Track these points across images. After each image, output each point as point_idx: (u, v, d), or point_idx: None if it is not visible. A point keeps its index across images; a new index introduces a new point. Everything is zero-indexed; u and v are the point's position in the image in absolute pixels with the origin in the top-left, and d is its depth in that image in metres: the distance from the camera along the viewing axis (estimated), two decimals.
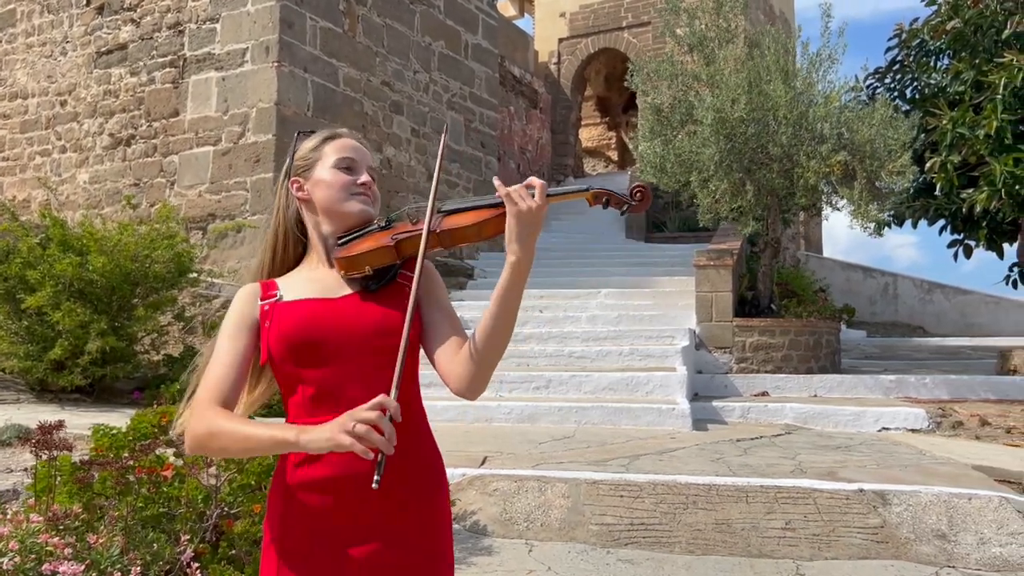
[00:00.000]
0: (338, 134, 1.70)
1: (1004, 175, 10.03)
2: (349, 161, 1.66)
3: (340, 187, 1.63)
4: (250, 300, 1.59)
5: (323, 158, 1.66)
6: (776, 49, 8.41)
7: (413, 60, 12.40)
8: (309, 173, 1.66)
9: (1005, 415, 7.55)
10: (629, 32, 18.52)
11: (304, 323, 1.53)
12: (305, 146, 1.69)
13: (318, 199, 1.64)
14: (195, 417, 1.47)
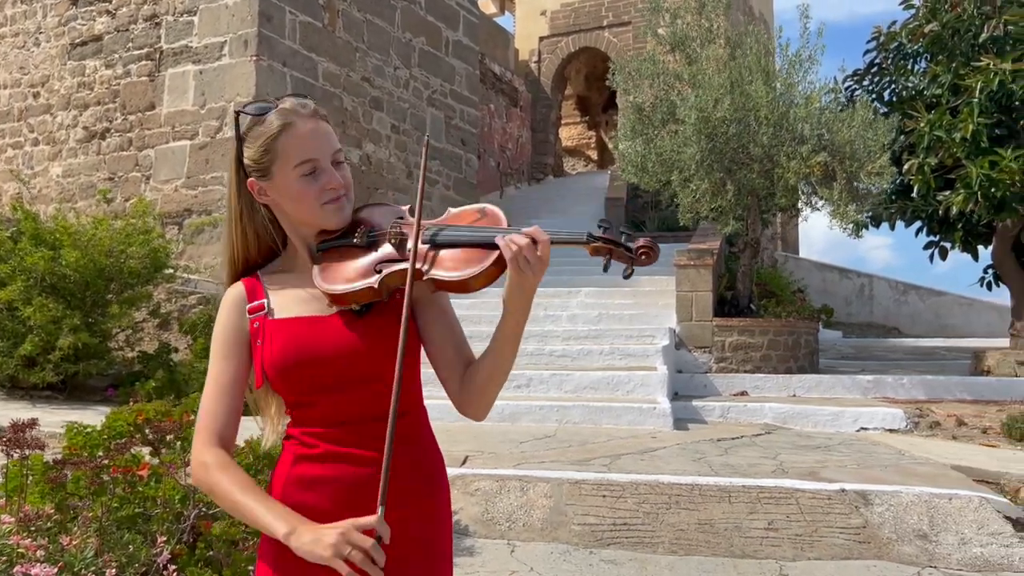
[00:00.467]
0: (289, 121, 1.45)
1: (980, 178, 10.12)
2: (313, 164, 1.46)
3: (308, 201, 1.46)
4: (238, 310, 1.49)
5: (281, 161, 1.45)
6: (757, 50, 8.42)
7: (394, 56, 12.32)
8: (268, 178, 1.47)
9: (981, 415, 7.62)
10: (610, 31, 18.52)
11: (297, 344, 1.45)
12: (254, 143, 1.47)
13: (287, 208, 1.49)
14: (196, 459, 1.44)
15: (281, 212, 1.51)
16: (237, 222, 1.54)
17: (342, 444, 1.45)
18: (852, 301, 19.65)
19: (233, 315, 1.49)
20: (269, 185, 1.48)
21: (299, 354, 1.44)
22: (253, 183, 1.49)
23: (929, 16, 11.27)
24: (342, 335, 1.45)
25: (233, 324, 1.49)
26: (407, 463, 1.50)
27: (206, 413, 1.46)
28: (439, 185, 13.10)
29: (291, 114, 1.47)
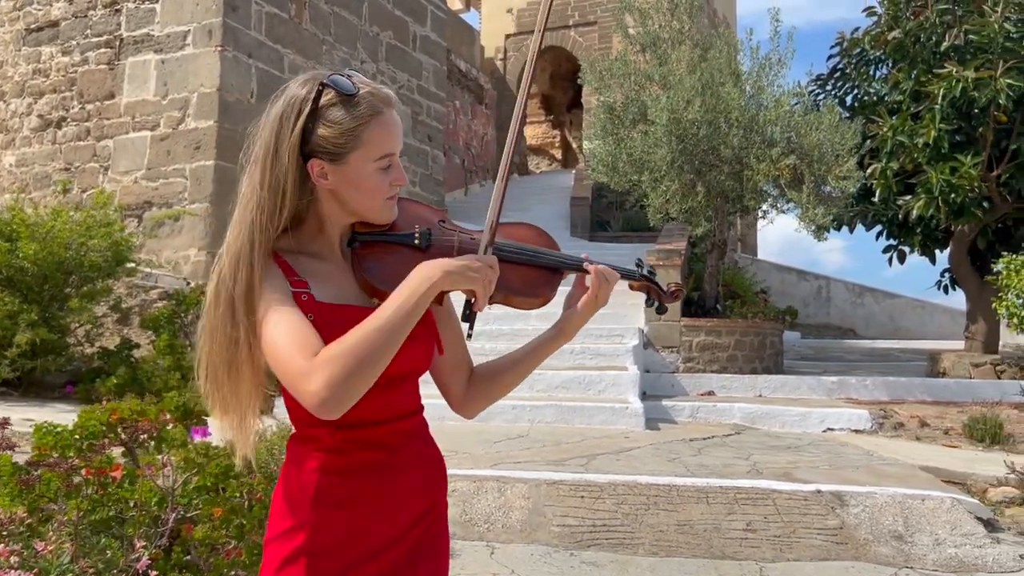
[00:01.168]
0: (380, 110, 1.37)
1: (941, 183, 10.32)
2: (391, 158, 1.39)
3: (378, 194, 1.39)
4: (279, 275, 1.35)
5: (363, 147, 1.35)
6: (728, 52, 8.47)
7: (360, 49, 12.17)
8: (340, 161, 1.35)
9: (942, 416, 7.76)
10: (576, 31, 18.54)
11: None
12: (337, 124, 1.35)
13: (347, 198, 1.38)
14: (315, 368, 1.20)
15: (332, 198, 1.40)
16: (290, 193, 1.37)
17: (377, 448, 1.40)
18: (810, 303, 19.94)
19: (277, 278, 1.35)
20: (337, 170, 1.36)
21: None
22: (316, 163, 1.36)
23: (891, 23, 11.46)
24: None
25: (282, 285, 1.33)
26: (429, 456, 1.49)
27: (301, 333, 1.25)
28: None
29: (382, 103, 1.39)
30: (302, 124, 1.37)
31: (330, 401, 1.19)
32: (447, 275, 1.29)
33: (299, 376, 1.21)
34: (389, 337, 1.23)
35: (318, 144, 1.35)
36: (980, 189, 10.52)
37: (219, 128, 9.99)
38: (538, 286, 1.47)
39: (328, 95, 1.37)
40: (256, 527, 2.91)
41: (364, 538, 1.39)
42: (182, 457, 2.85)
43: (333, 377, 1.19)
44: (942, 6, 10.79)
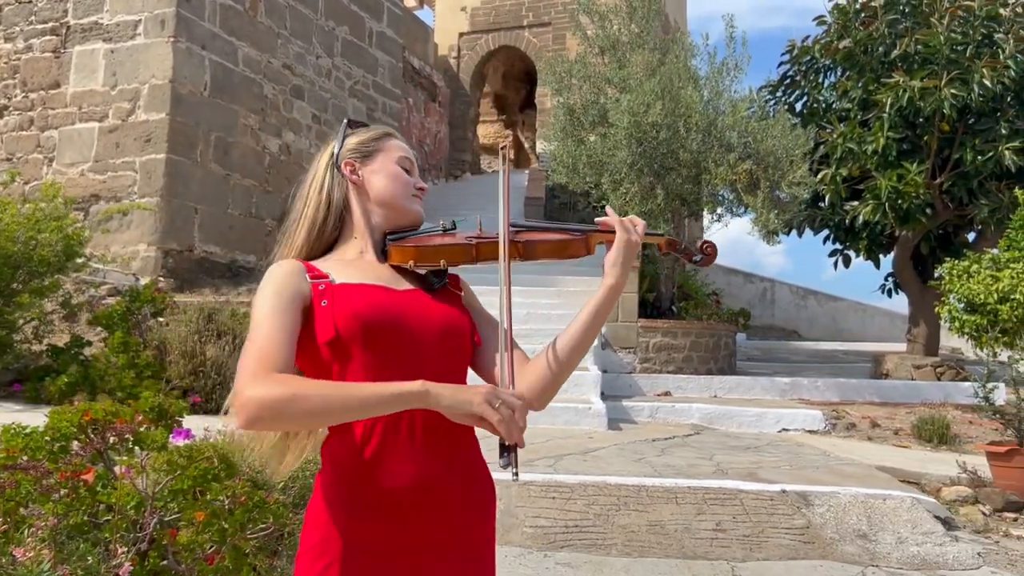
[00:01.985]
0: (394, 135, 1.65)
1: (888, 190, 10.62)
2: (409, 164, 1.61)
3: (404, 183, 1.58)
4: (297, 275, 1.43)
5: (386, 151, 1.60)
6: (686, 57, 8.58)
7: (316, 44, 12.01)
8: (369, 160, 1.58)
9: (892, 417, 7.98)
10: (530, 31, 18.58)
11: (380, 304, 1.41)
12: (363, 136, 1.61)
13: (377, 188, 1.56)
14: (260, 383, 1.24)
15: (363, 195, 1.56)
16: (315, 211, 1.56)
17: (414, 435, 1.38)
18: (755, 304, 20.30)
19: (293, 278, 1.42)
20: (366, 165, 1.57)
21: (384, 312, 1.40)
22: (349, 162, 1.57)
23: (841, 32, 11.74)
24: (421, 307, 1.46)
25: (293, 285, 1.41)
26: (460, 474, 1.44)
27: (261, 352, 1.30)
28: None
29: (390, 130, 1.67)
30: (332, 148, 1.61)
31: (245, 412, 1.23)
32: (430, 396, 1.26)
33: (245, 377, 1.26)
34: (338, 410, 1.26)
35: (349, 150, 1.59)
36: (924, 196, 10.85)
37: (171, 121, 9.75)
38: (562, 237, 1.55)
39: (353, 127, 1.65)
40: (238, 531, 2.85)
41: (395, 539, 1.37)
42: (164, 460, 2.77)
43: (264, 398, 1.22)
44: (891, 17, 11.10)
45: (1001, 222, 10.54)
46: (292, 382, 1.25)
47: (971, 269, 9.80)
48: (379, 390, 1.26)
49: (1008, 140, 10.27)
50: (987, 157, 10.46)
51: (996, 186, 10.84)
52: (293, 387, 1.24)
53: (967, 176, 11.02)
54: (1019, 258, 9.56)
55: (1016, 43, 10.16)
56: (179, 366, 6.47)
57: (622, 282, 1.52)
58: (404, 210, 1.56)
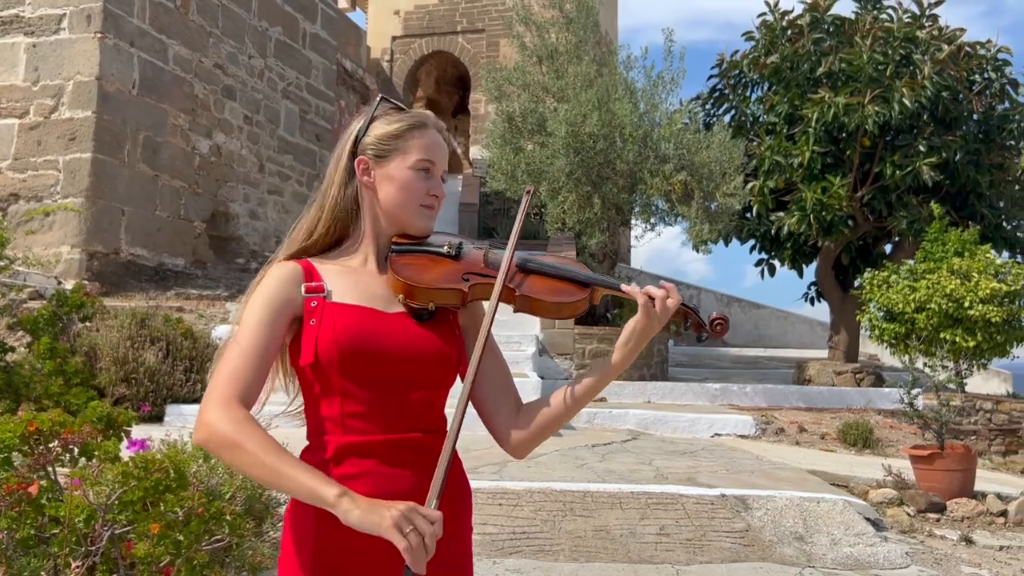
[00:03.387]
0: (426, 123, 1.50)
1: (813, 202, 10.99)
2: (429, 164, 1.49)
3: (413, 195, 1.48)
4: (293, 283, 1.41)
5: (405, 151, 1.48)
6: (626, 68, 8.74)
7: (249, 44, 11.80)
8: (384, 161, 1.47)
9: (818, 422, 8.27)
10: (464, 37, 18.61)
11: (361, 331, 1.39)
12: (386, 128, 1.48)
13: (384, 196, 1.48)
14: (221, 411, 1.29)
15: (372, 199, 1.49)
16: (335, 198, 1.50)
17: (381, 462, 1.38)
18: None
19: (287, 287, 1.41)
20: (379, 167, 1.48)
21: (363, 341, 1.38)
22: (363, 161, 1.48)
23: (769, 48, 12.12)
24: (406, 334, 1.42)
25: (284, 295, 1.40)
26: (456, 487, 1.48)
27: (234, 372, 1.34)
28: (292, 181, 12.67)
29: (426, 119, 1.52)
30: (358, 129, 1.51)
31: (200, 440, 1.30)
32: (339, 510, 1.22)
33: (210, 400, 1.31)
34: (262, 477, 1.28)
35: (367, 144, 1.49)
36: (847, 208, 11.27)
37: (97, 119, 9.46)
38: (564, 294, 1.48)
39: (383, 107, 1.53)
40: (193, 542, 2.80)
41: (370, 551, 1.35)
42: (119, 471, 2.70)
43: (213, 435, 1.28)
44: (816, 35, 11.51)
45: (918, 234, 11.03)
46: (243, 428, 1.27)
47: (890, 279, 10.23)
48: (296, 478, 1.25)
49: (926, 156, 10.76)
50: (906, 172, 10.93)
51: (914, 200, 11.33)
52: (240, 435, 1.27)
53: (887, 190, 11.49)
54: (934, 269, 10.02)
55: (933, 64, 10.65)
56: (110, 373, 6.28)
57: (626, 365, 1.47)
58: (410, 224, 1.49)
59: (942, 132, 11.27)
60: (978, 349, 9.87)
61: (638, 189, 8.57)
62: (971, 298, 9.51)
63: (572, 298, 1.47)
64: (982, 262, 9.84)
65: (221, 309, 9.32)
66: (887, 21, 11.62)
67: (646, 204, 8.68)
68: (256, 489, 3.78)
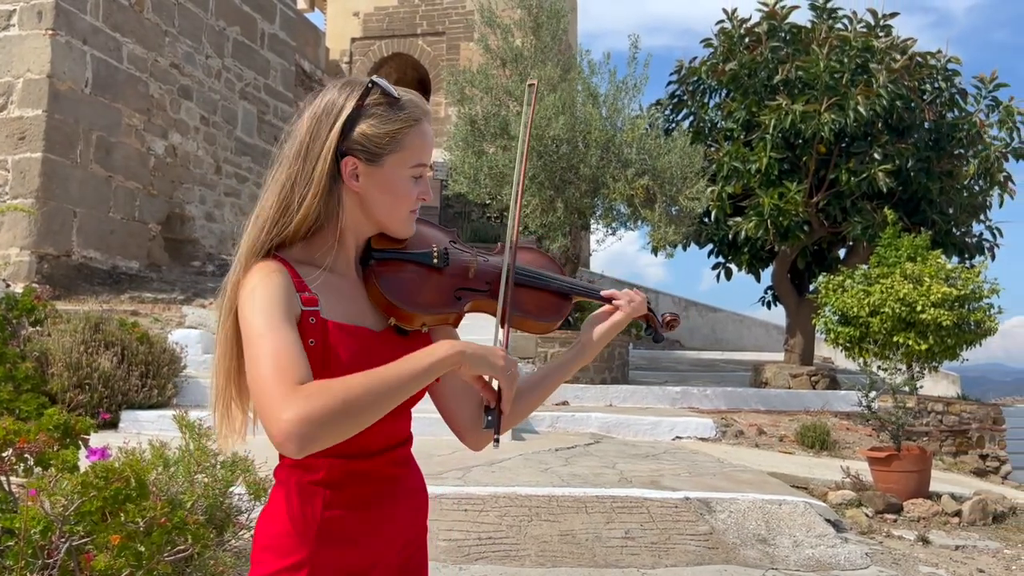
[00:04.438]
0: (419, 119, 1.35)
1: (771, 207, 11.15)
2: (423, 169, 1.36)
3: (405, 203, 1.35)
4: (288, 289, 1.27)
5: (399, 155, 1.32)
6: (587, 74, 8.77)
7: (206, 44, 11.61)
8: (376, 161, 1.31)
9: (776, 425, 8.37)
10: (424, 40, 18.54)
11: (364, 360, 1.28)
12: (382, 128, 1.31)
13: (372, 203, 1.34)
14: (294, 401, 1.10)
15: (356, 202, 1.34)
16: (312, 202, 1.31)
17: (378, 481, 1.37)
18: None
19: (287, 291, 1.27)
20: (371, 171, 1.32)
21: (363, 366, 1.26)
22: (351, 162, 1.30)
23: (727, 55, 12.27)
24: (391, 350, 1.32)
25: (286, 300, 1.25)
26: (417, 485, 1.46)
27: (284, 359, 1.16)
28: (249, 182, 12.50)
29: (422, 112, 1.37)
30: (344, 120, 1.31)
31: (297, 439, 1.09)
32: (465, 356, 1.24)
33: (273, 400, 1.11)
34: (383, 397, 1.16)
35: (357, 142, 1.31)
36: (803, 214, 11.45)
37: (48, 118, 9.23)
38: (551, 311, 1.48)
39: (375, 95, 1.34)
40: (156, 552, 2.73)
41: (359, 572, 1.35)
42: (78, 481, 2.62)
43: (311, 414, 1.09)
44: (774, 43, 11.69)
45: (872, 239, 11.25)
46: (330, 387, 1.12)
47: (845, 284, 10.42)
48: (420, 360, 1.20)
49: (881, 163, 10.97)
50: (861, 178, 11.13)
51: (868, 205, 11.55)
52: (336, 392, 1.12)
53: (841, 195, 11.70)
54: (888, 274, 10.22)
55: (888, 74, 10.87)
56: (63, 379, 6.11)
57: (596, 353, 1.51)
58: (394, 231, 1.38)
59: (895, 140, 11.51)
60: (930, 352, 10.10)
61: (600, 193, 8.60)
62: (923, 302, 9.72)
63: (557, 315, 1.49)
64: (934, 267, 10.06)
65: (177, 313, 9.15)
66: (842, 30, 11.84)
67: (608, 208, 8.71)
68: (218, 497, 3.71)
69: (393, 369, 1.18)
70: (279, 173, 1.34)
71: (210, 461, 3.73)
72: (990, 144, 11.99)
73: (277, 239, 1.32)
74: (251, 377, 1.19)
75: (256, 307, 1.24)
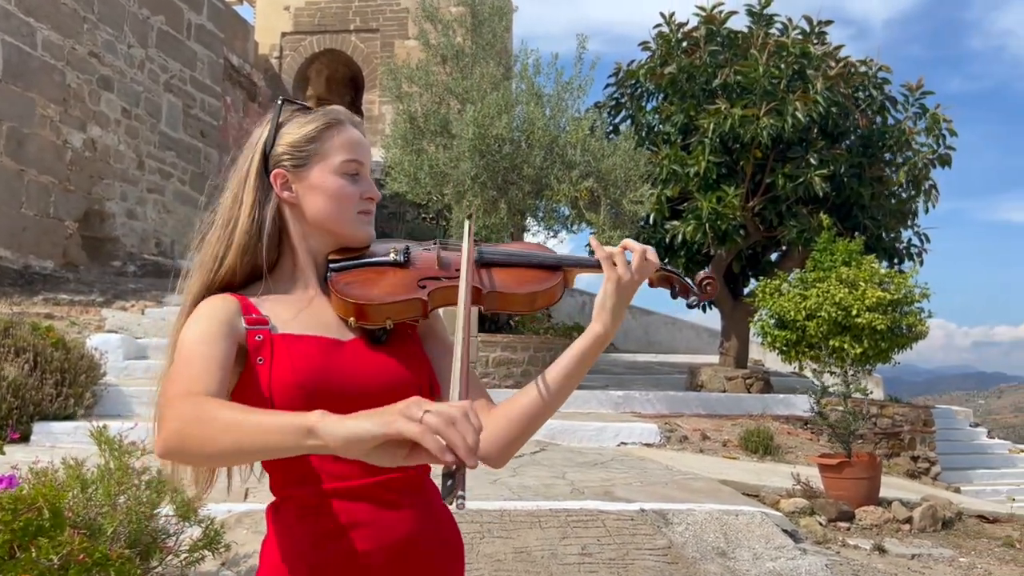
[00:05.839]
0: (340, 120, 1.31)
1: (709, 211, 11.15)
2: (356, 165, 1.29)
3: (347, 203, 1.27)
4: (230, 311, 1.18)
5: (325, 155, 1.27)
6: (531, 73, 8.59)
7: (128, 32, 11.04)
8: (303, 171, 1.27)
9: (719, 429, 8.32)
10: (357, 36, 18.12)
11: (320, 367, 1.17)
12: (299, 132, 1.27)
13: (313, 210, 1.27)
14: (173, 406, 1.04)
15: (298, 215, 1.28)
16: (245, 225, 1.25)
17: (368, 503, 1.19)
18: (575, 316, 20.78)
19: (224, 313, 1.18)
20: (300, 178, 1.27)
21: (321, 379, 1.16)
22: (280, 174, 1.26)
23: (665, 58, 12.26)
24: (369, 364, 1.21)
25: (225, 316, 1.18)
26: (431, 528, 1.26)
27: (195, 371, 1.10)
28: (174, 179, 11.94)
29: (341, 115, 1.33)
30: (263, 141, 1.28)
31: (163, 453, 1.03)
32: (321, 431, 0.93)
33: (166, 404, 1.05)
34: (235, 443, 0.98)
35: (282, 154, 1.27)
36: (740, 218, 11.50)
37: None
38: (535, 280, 1.30)
39: (287, 111, 1.31)
40: None
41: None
42: None
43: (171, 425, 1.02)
44: (712, 48, 11.71)
45: (808, 243, 11.35)
46: (205, 404, 1.02)
47: (781, 287, 10.48)
48: (272, 419, 0.97)
49: (817, 168, 11.07)
50: (797, 183, 11.22)
51: (804, 210, 11.66)
52: (202, 408, 1.01)
53: (777, 200, 11.79)
54: (824, 278, 10.30)
55: (825, 81, 10.98)
56: None
57: (612, 330, 1.30)
58: (347, 236, 1.29)
59: (830, 145, 11.66)
60: (864, 355, 10.23)
61: (544, 195, 8.42)
62: (858, 306, 9.82)
63: (545, 285, 1.30)
64: (868, 272, 10.19)
65: (96, 316, 8.62)
66: (777, 36, 11.95)
67: (551, 210, 8.54)
68: (142, 521, 3.39)
69: (263, 419, 0.98)
70: (217, 218, 1.29)
71: (133, 481, 3.41)
72: (918, 151, 12.26)
73: (226, 278, 1.26)
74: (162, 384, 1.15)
75: (191, 320, 1.19)
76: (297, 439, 0.94)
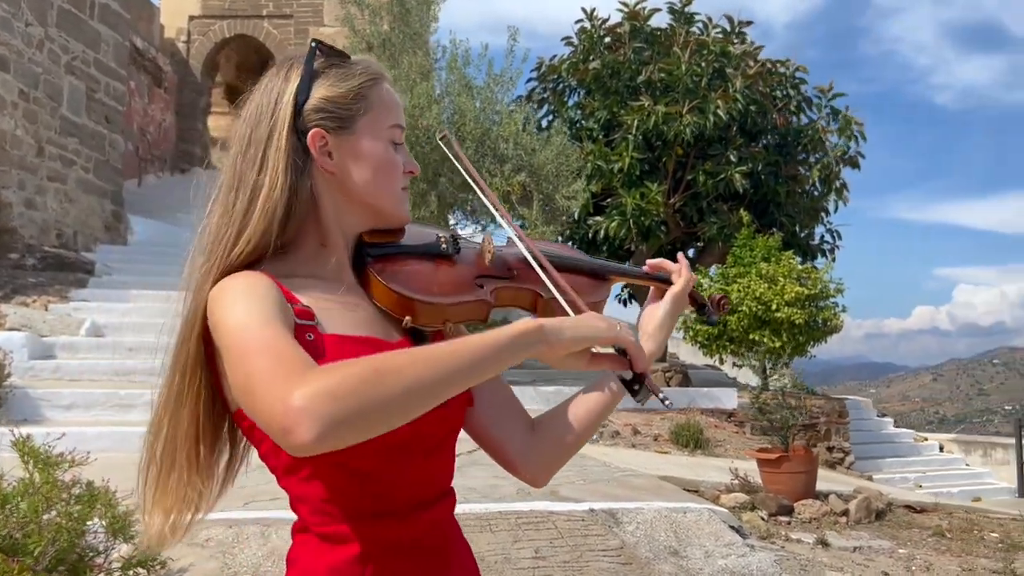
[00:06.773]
0: (384, 76, 1.10)
1: (633, 207, 11.23)
2: (400, 132, 1.10)
3: (394, 176, 1.09)
4: (277, 295, 0.96)
5: (371, 114, 1.06)
6: (460, 64, 8.43)
7: (25, 10, 10.33)
8: (348, 127, 1.05)
9: (649, 424, 8.37)
10: (270, 22, 17.55)
11: None
12: (342, 83, 1.05)
13: (358, 180, 1.06)
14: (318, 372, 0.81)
15: (335, 186, 1.06)
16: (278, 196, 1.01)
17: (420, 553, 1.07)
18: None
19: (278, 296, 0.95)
20: (344, 142, 1.05)
21: None
22: (319, 134, 1.03)
23: (588, 54, 12.28)
24: None
25: (281, 304, 0.95)
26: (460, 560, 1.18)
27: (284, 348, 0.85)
28: (77, 167, 11.27)
29: (383, 69, 1.12)
30: (294, 90, 1.04)
31: (313, 419, 0.76)
32: (547, 332, 0.98)
33: (275, 383, 0.80)
34: (434, 378, 0.84)
35: (319, 109, 1.04)
36: (662, 214, 11.63)
37: None
38: (589, 292, 1.22)
39: (321, 59, 1.07)
40: None
41: None
42: None
43: (333, 388, 0.78)
44: (636, 44, 11.78)
45: (727, 239, 11.56)
46: (356, 361, 0.82)
47: (702, 283, 10.64)
48: (486, 337, 0.90)
49: (737, 166, 11.27)
50: (717, 180, 11.42)
51: (724, 207, 11.87)
52: (366, 363, 0.81)
53: (698, 197, 11.97)
54: (745, 273, 10.51)
55: (744, 79, 11.19)
56: None
57: (660, 351, 1.23)
58: (390, 214, 1.10)
59: (748, 143, 11.90)
60: (783, 349, 10.49)
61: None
62: (778, 301, 10.06)
63: (596, 297, 1.23)
64: (787, 267, 10.45)
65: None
66: (699, 34, 12.11)
67: (481, 203, 8.41)
68: (71, 537, 3.12)
69: (448, 346, 0.88)
70: (222, 182, 1.06)
71: (62, 496, 3.14)
72: (831, 151, 12.64)
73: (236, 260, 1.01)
74: (240, 376, 0.86)
75: (239, 308, 0.92)
76: (527, 341, 0.95)
